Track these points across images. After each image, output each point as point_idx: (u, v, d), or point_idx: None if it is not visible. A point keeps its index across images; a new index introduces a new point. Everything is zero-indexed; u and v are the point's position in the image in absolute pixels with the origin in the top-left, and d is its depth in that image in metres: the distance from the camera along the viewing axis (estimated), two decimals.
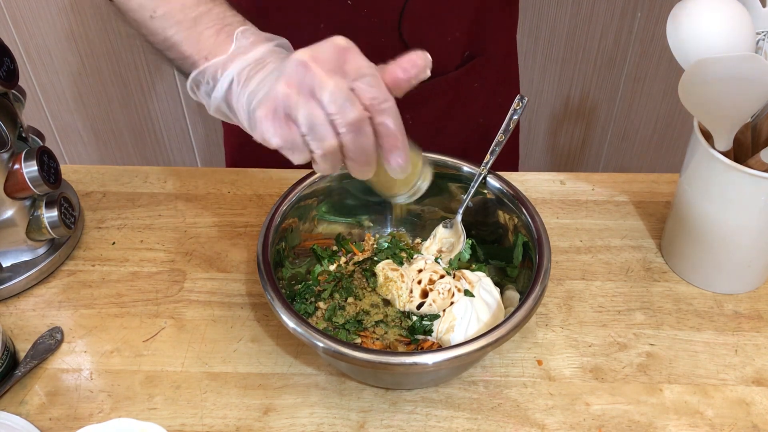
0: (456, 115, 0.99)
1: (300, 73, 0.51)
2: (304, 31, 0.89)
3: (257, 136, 0.55)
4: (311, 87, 0.51)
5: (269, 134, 0.53)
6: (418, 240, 0.82)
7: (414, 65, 0.53)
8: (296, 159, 0.54)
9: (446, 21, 0.89)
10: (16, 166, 0.75)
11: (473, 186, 0.76)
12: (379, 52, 0.92)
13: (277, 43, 0.59)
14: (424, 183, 0.61)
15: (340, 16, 0.85)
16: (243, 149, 1.06)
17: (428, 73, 0.54)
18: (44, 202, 0.78)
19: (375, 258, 0.78)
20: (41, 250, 0.80)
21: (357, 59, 0.52)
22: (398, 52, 0.91)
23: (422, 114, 0.96)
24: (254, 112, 0.54)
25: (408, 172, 0.56)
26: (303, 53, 0.52)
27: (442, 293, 0.71)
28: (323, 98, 0.50)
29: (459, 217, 0.78)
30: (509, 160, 1.10)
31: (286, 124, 0.52)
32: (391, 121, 0.52)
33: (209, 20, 0.60)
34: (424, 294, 0.72)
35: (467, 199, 0.76)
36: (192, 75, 0.59)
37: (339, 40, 0.52)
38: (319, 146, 0.52)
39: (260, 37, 0.59)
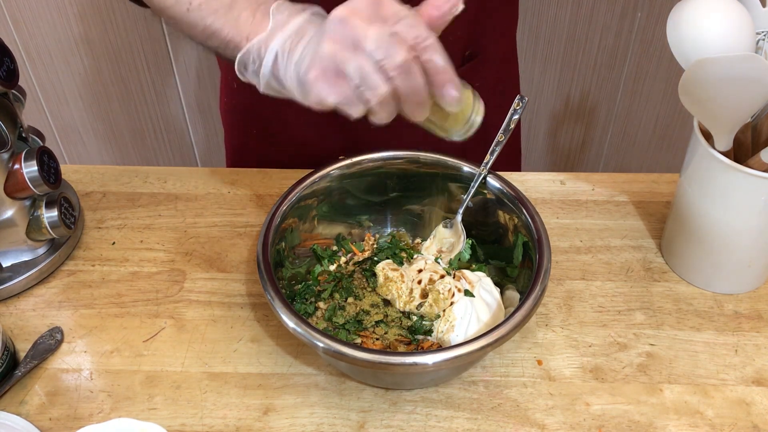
0: None
1: (341, 29, 0.52)
2: None
3: (312, 100, 0.56)
4: (355, 39, 0.52)
5: (324, 93, 0.54)
6: (418, 240, 0.82)
7: (445, 1, 0.54)
8: (354, 112, 0.55)
9: None
10: (16, 166, 0.75)
11: (473, 186, 0.76)
12: None
13: (313, 12, 0.60)
14: (477, 117, 0.62)
15: None
16: (243, 149, 1.06)
17: (461, 6, 0.55)
18: (44, 202, 0.78)
19: (375, 258, 0.78)
20: (41, 250, 0.80)
21: (392, 5, 0.53)
22: None
23: None
24: (305, 76, 0.55)
25: (462, 105, 0.58)
26: (339, 10, 0.53)
27: (442, 293, 0.71)
28: (368, 47, 0.52)
29: (459, 217, 0.78)
30: (512, 160, 1.10)
31: (338, 80, 0.54)
32: (437, 56, 0.53)
33: (243, 3, 0.61)
34: (424, 294, 0.72)
35: (467, 199, 0.76)
36: (238, 57, 0.61)
37: None
38: (373, 94, 0.53)
39: (295, 9, 0.60)
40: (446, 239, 0.79)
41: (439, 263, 0.76)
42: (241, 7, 0.61)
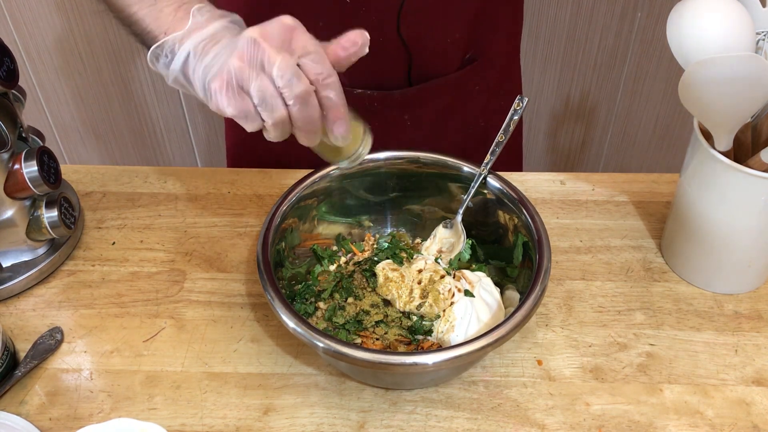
0: (456, 117, 0.99)
1: (251, 49, 0.55)
2: None
3: (212, 106, 0.59)
4: (262, 62, 0.55)
5: (223, 105, 0.57)
6: (418, 240, 0.82)
7: (353, 44, 0.58)
8: (249, 127, 0.59)
9: (446, 22, 0.89)
10: (16, 166, 0.75)
11: (473, 186, 0.76)
12: (379, 51, 0.91)
13: (231, 20, 0.63)
14: (364, 150, 0.66)
15: (339, 14, 0.85)
16: (243, 147, 1.06)
17: (366, 50, 0.58)
18: (44, 202, 0.78)
19: (375, 258, 0.78)
20: (41, 250, 0.80)
21: (303, 37, 0.56)
22: (398, 51, 0.90)
23: (421, 114, 0.96)
24: (210, 84, 0.58)
25: (349, 141, 0.61)
26: (253, 31, 0.56)
27: (442, 293, 0.71)
28: (273, 73, 0.55)
29: (459, 218, 0.78)
30: (513, 161, 1.10)
31: (240, 95, 0.57)
32: (334, 94, 0.57)
33: None
34: (424, 294, 0.72)
35: (467, 199, 0.76)
36: (152, 48, 0.64)
37: (286, 20, 0.56)
38: (269, 116, 0.57)
39: (215, 14, 0.63)
40: (446, 239, 0.79)
41: (439, 263, 0.76)
42: (165, 2, 0.64)
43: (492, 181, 0.76)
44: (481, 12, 0.91)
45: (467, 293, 0.71)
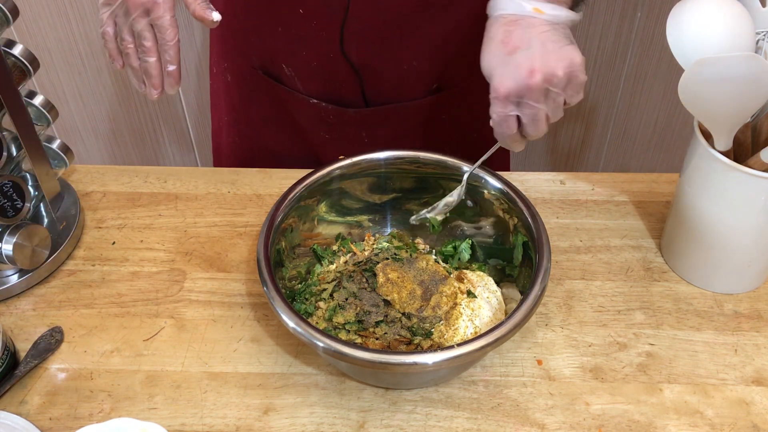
0: (417, 142, 0.95)
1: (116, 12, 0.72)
2: (264, 35, 0.88)
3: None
4: (129, 24, 0.72)
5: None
6: (419, 240, 0.82)
7: (200, 17, 0.70)
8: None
9: (399, 49, 0.86)
10: None
11: (468, 174, 0.76)
12: (326, 67, 0.90)
13: None
14: None
15: (293, 25, 0.84)
16: (232, 145, 1.06)
17: (214, 22, 0.71)
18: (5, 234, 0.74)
19: (375, 258, 0.78)
20: (9, 272, 0.78)
21: (158, 9, 0.69)
22: (345, 71, 0.89)
23: (380, 134, 0.94)
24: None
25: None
26: None
27: (444, 294, 0.71)
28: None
29: (466, 176, 0.76)
30: (499, 155, 1.07)
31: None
32: (170, 55, 0.73)
33: None
34: (425, 294, 0.72)
35: (478, 164, 0.75)
36: None
37: None
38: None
39: None
40: (449, 204, 0.78)
41: (439, 263, 0.76)
42: None
43: (492, 181, 0.76)
44: (446, 44, 0.87)
45: (469, 294, 0.71)
